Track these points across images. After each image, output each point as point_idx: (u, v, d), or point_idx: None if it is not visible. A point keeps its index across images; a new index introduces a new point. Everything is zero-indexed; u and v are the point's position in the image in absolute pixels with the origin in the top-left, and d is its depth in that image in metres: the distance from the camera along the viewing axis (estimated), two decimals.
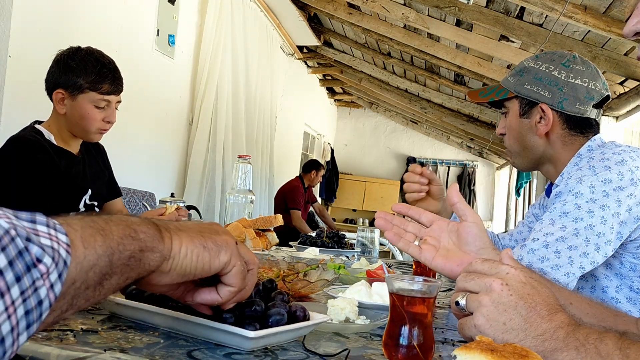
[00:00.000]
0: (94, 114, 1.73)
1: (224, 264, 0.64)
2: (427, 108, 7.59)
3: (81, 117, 1.73)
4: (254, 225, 1.89)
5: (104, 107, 1.75)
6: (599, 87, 1.32)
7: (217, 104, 4.34)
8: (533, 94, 1.35)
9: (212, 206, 4.32)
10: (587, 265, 1.15)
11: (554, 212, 1.20)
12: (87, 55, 1.74)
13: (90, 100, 1.72)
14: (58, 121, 1.78)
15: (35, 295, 0.41)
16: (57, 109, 1.75)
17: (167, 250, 0.59)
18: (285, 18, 5.65)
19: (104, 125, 1.78)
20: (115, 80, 1.76)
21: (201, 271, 0.62)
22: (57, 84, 1.72)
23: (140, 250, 0.55)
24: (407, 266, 2.15)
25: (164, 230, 0.59)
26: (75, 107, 1.72)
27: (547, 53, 1.39)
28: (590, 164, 1.22)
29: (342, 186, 9.93)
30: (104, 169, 2.03)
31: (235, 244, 0.67)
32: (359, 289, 1.08)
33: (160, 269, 0.58)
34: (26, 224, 0.44)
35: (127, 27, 3.21)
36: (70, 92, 1.71)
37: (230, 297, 0.67)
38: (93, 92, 1.71)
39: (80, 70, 1.70)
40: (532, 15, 3.72)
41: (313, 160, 6.26)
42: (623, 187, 1.16)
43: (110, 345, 0.67)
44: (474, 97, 1.50)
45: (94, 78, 1.71)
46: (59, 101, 1.73)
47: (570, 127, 1.34)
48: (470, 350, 0.54)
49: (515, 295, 0.68)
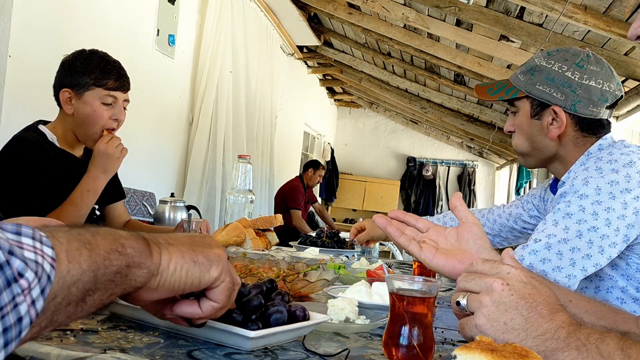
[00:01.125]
0: (100, 111, 1.71)
1: (214, 279, 0.62)
2: (427, 108, 7.59)
3: (88, 116, 1.71)
4: (254, 225, 1.89)
5: (111, 103, 1.73)
6: (613, 88, 1.29)
7: (217, 103, 4.34)
8: (545, 96, 1.31)
9: (212, 206, 4.32)
10: (589, 268, 1.14)
11: (558, 213, 1.18)
12: (91, 54, 1.75)
13: (97, 96, 1.71)
14: (64, 123, 1.77)
15: (15, 311, 0.39)
16: (64, 109, 1.74)
17: (155, 267, 0.57)
18: (285, 18, 5.65)
19: (111, 124, 1.75)
20: (120, 76, 1.75)
21: (190, 286, 0.61)
22: (63, 84, 1.73)
23: (127, 266, 0.53)
24: (407, 266, 2.15)
25: (154, 245, 0.58)
26: (82, 105, 1.71)
27: (560, 51, 1.34)
28: (597, 165, 1.20)
29: (342, 186, 9.93)
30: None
31: (227, 259, 0.65)
32: (359, 289, 1.08)
33: (147, 286, 0.57)
34: (10, 235, 0.42)
35: (127, 27, 3.21)
36: (77, 90, 1.71)
37: (212, 312, 0.65)
38: (99, 88, 1.70)
39: (85, 69, 1.71)
40: (532, 15, 3.72)
41: (311, 160, 6.27)
42: (630, 189, 1.15)
43: (110, 345, 0.67)
44: (482, 94, 1.46)
45: (98, 74, 1.70)
46: (66, 101, 1.72)
47: (583, 128, 1.31)
48: (470, 350, 0.54)
49: (516, 295, 0.68)
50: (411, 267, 1.91)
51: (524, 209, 1.62)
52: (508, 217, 1.66)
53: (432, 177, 10.14)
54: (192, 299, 0.65)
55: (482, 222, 1.72)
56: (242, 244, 1.78)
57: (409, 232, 1.00)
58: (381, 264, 1.56)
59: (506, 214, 1.67)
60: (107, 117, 1.74)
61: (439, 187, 10.16)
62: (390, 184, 10.04)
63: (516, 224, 1.65)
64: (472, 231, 0.96)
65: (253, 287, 0.78)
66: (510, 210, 1.66)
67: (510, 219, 1.65)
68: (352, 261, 1.77)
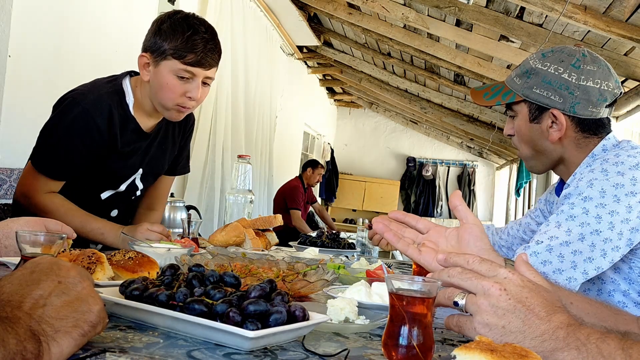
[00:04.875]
0: (173, 85, 1.53)
1: (99, 332, 0.63)
2: (427, 108, 7.60)
3: (160, 87, 1.55)
4: (254, 225, 1.89)
5: (187, 78, 1.54)
6: (611, 87, 1.27)
7: (217, 104, 4.34)
8: (543, 99, 1.29)
9: (211, 206, 4.32)
10: (590, 271, 1.13)
11: (561, 214, 1.17)
12: (182, 19, 1.54)
13: (172, 69, 1.52)
14: (143, 89, 1.63)
15: None
16: (141, 75, 1.59)
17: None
18: (285, 18, 5.65)
19: (185, 102, 1.57)
20: (206, 51, 1.53)
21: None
22: (145, 47, 1.57)
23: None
24: (406, 266, 2.15)
25: (44, 343, 0.55)
26: (157, 75, 1.55)
27: (554, 51, 1.32)
28: (603, 167, 1.18)
29: (342, 186, 9.93)
30: (176, 143, 1.86)
31: (103, 304, 0.64)
32: (358, 289, 1.08)
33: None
34: None
35: (127, 27, 3.21)
36: (155, 57, 1.54)
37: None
38: (176, 59, 1.51)
39: (168, 34, 1.51)
40: (532, 15, 3.72)
41: (310, 159, 6.27)
42: (636, 192, 1.14)
43: (109, 345, 0.67)
44: (477, 98, 1.44)
45: (179, 44, 1.50)
46: (143, 66, 1.57)
47: (584, 129, 1.30)
48: (470, 350, 0.54)
49: (513, 300, 0.69)
50: (411, 267, 1.90)
51: (532, 218, 1.60)
52: (518, 228, 1.64)
53: (432, 177, 10.15)
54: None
55: (497, 240, 1.71)
56: (241, 244, 1.78)
57: (408, 235, 0.99)
58: (381, 264, 1.55)
59: (517, 225, 1.66)
60: (180, 93, 1.55)
61: (439, 187, 10.17)
62: (390, 184, 10.04)
63: (525, 234, 1.62)
64: (472, 232, 0.96)
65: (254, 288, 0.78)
66: (521, 221, 1.65)
67: (521, 229, 1.63)
68: (352, 261, 1.77)
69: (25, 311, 0.56)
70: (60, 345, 0.56)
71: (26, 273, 0.61)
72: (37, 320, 0.56)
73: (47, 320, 0.57)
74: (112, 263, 1.06)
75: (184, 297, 0.75)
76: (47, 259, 0.66)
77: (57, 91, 1.71)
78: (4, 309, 0.55)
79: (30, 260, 0.66)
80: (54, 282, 0.61)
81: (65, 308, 0.59)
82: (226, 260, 1.21)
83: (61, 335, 0.57)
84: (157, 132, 1.74)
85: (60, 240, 0.87)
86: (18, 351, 0.50)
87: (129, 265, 1.07)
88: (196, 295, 0.75)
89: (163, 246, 1.39)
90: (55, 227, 1.19)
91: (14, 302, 0.56)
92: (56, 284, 0.61)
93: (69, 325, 0.58)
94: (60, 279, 0.62)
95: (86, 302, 0.62)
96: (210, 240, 1.81)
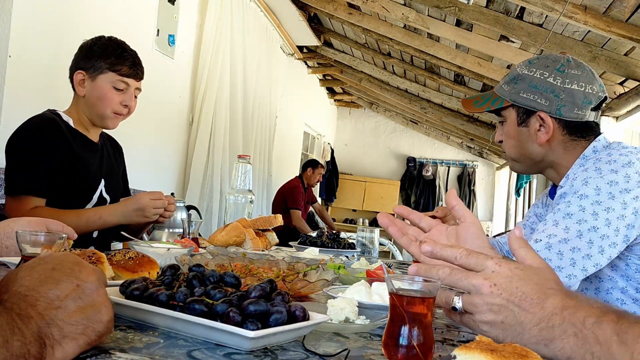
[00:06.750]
0: (112, 95, 1.75)
1: (103, 341, 0.63)
2: (427, 108, 7.59)
3: (99, 98, 1.75)
4: (254, 225, 1.89)
5: (122, 89, 1.77)
6: (595, 90, 1.31)
7: (217, 104, 4.33)
8: (530, 102, 1.33)
9: (211, 206, 4.32)
10: (589, 268, 1.14)
11: (558, 213, 1.19)
12: (110, 40, 1.79)
13: (109, 80, 1.75)
14: (77, 107, 1.80)
15: None
16: (77, 91, 1.78)
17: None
18: (285, 18, 5.65)
19: (121, 109, 1.79)
20: (135, 64, 1.79)
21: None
22: (79, 66, 1.76)
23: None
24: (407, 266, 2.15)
25: (49, 346, 0.55)
26: (94, 88, 1.75)
27: (540, 58, 1.37)
28: (596, 166, 1.20)
29: (342, 186, 9.93)
30: (120, 164, 2.03)
31: (104, 285, 0.64)
32: (358, 289, 1.08)
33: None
34: None
35: (127, 27, 3.20)
36: (91, 73, 1.75)
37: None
38: (112, 72, 1.74)
39: (101, 53, 1.75)
40: (532, 16, 3.72)
41: (309, 159, 6.27)
42: (630, 189, 1.15)
43: (109, 345, 0.67)
44: (468, 106, 1.48)
45: (113, 59, 1.74)
46: (79, 83, 1.76)
47: (571, 132, 1.33)
48: (470, 350, 0.55)
49: (505, 293, 0.70)
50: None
51: (524, 225, 1.62)
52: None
53: (432, 177, 10.15)
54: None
55: (499, 249, 1.71)
56: (241, 244, 1.78)
57: (411, 233, 1.00)
58: (381, 264, 1.55)
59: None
60: (118, 102, 1.77)
61: (439, 187, 10.16)
62: (390, 184, 10.04)
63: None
64: (470, 230, 0.96)
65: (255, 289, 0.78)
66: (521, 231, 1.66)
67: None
68: (352, 261, 1.77)
69: (38, 311, 0.56)
70: (65, 350, 0.57)
71: (47, 269, 0.61)
72: (48, 322, 0.56)
73: (58, 324, 0.57)
74: (112, 263, 1.06)
75: (184, 297, 0.75)
76: (71, 257, 0.66)
77: (57, 91, 1.72)
78: (19, 305, 0.55)
79: (52, 255, 0.66)
80: (72, 285, 0.61)
81: (77, 314, 0.59)
82: (226, 260, 1.21)
83: (68, 341, 0.57)
84: (102, 145, 1.90)
85: (60, 240, 0.87)
86: (21, 354, 0.51)
87: (129, 265, 1.07)
88: (196, 295, 0.75)
89: (163, 246, 1.39)
90: (57, 228, 1.19)
91: (30, 298, 0.56)
92: (74, 287, 0.61)
93: (77, 331, 0.58)
94: (79, 282, 0.61)
95: (99, 312, 0.61)
96: (211, 240, 1.81)
